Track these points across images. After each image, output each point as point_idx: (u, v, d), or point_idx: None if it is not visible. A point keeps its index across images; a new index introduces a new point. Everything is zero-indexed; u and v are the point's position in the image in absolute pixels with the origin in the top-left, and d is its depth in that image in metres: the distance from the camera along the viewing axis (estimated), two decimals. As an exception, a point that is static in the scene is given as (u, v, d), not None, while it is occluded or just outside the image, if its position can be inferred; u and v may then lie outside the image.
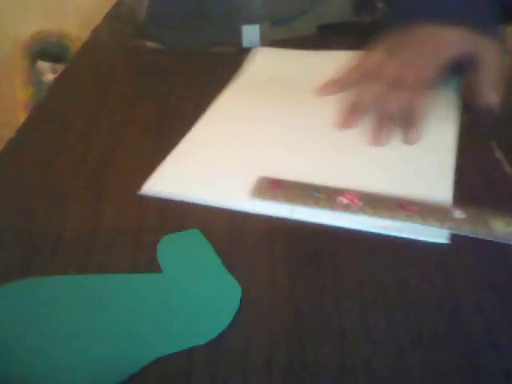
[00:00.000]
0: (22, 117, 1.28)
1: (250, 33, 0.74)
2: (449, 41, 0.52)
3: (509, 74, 0.62)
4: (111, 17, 0.86)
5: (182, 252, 0.43)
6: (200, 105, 0.61)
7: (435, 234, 0.44)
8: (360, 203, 0.46)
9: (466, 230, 0.44)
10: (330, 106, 0.58)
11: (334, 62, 0.68)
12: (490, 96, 0.48)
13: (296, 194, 0.47)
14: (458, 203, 0.47)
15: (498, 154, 0.53)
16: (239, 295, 0.39)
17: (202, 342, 0.36)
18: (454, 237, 0.44)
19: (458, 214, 0.45)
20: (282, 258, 0.42)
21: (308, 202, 0.47)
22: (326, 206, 0.46)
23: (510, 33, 0.62)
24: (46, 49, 1.36)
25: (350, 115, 0.55)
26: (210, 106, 0.60)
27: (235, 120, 0.58)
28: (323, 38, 0.77)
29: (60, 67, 1.33)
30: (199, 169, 0.51)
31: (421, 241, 0.43)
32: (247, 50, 0.74)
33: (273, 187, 0.48)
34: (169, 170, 0.51)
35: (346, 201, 0.46)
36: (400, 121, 0.53)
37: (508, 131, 0.57)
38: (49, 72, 1.37)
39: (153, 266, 0.42)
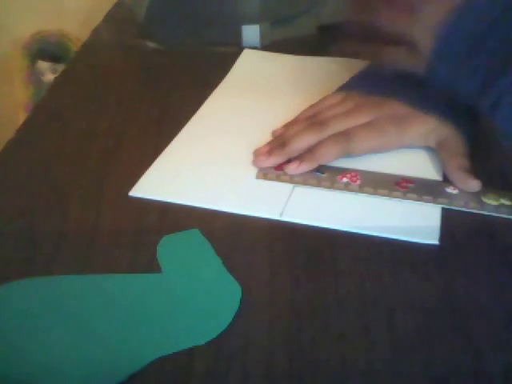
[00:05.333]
0: (21, 117, 1.28)
1: (250, 33, 0.74)
2: (414, 132, 0.52)
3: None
4: (111, 17, 0.86)
5: (181, 252, 0.43)
6: (200, 105, 0.61)
7: (426, 236, 0.44)
8: (359, 182, 0.49)
9: (458, 205, 0.46)
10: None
11: (319, 67, 0.69)
12: (459, 182, 0.48)
13: (299, 174, 0.50)
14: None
15: (498, 154, 0.53)
16: (239, 295, 0.39)
17: (201, 341, 0.36)
18: (454, 236, 0.44)
19: (451, 189, 0.48)
20: (281, 258, 0.42)
21: (310, 181, 0.49)
22: (327, 185, 0.49)
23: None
24: (46, 49, 1.36)
25: (272, 156, 0.51)
26: (198, 108, 0.60)
27: (221, 124, 0.58)
28: (323, 38, 0.77)
29: (60, 67, 1.33)
30: (187, 171, 0.51)
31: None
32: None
33: (276, 169, 0.51)
34: (157, 172, 0.51)
35: (346, 179, 0.49)
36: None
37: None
38: (49, 72, 1.37)
39: (153, 266, 0.42)
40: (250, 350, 0.36)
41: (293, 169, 0.50)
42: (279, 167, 0.50)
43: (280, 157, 0.51)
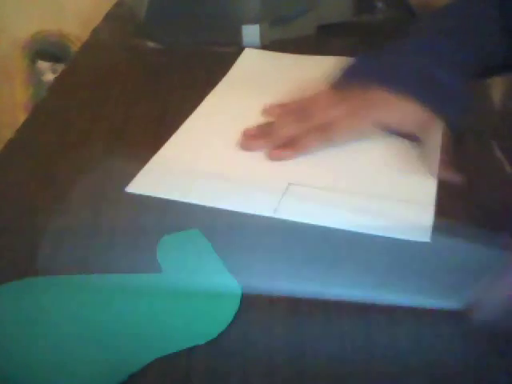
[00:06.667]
0: (21, 117, 1.28)
1: (250, 33, 0.74)
2: (396, 116, 0.53)
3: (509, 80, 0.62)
4: (111, 17, 0.86)
5: (182, 252, 0.43)
6: (199, 104, 0.61)
7: (418, 234, 0.44)
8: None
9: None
10: None
11: (319, 66, 0.69)
12: (439, 176, 0.49)
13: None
14: (459, 203, 0.47)
15: (498, 154, 0.53)
16: (239, 295, 0.39)
17: (201, 341, 0.36)
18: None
19: None
20: (281, 258, 0.42)
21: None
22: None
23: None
24: (46, 49, 1.36)
25: (258, 140, 0.54)
26: (197, 107, 0.61)
27: (219, 122, 0.59)
28: (323, 38, 0.77)
29: (60, 67, 1.33)
30: (184, 168, 0.51)
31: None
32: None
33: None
34: (154, 169, 0.51)
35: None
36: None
37: (508, 131, 0.57)
38: (49, 72, 1.37)
39: (153, 266, 0.42)
40: (250, 349, 0.36)
41: (276, 154, 0.52)
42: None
43: (266, 142, 0.54)
